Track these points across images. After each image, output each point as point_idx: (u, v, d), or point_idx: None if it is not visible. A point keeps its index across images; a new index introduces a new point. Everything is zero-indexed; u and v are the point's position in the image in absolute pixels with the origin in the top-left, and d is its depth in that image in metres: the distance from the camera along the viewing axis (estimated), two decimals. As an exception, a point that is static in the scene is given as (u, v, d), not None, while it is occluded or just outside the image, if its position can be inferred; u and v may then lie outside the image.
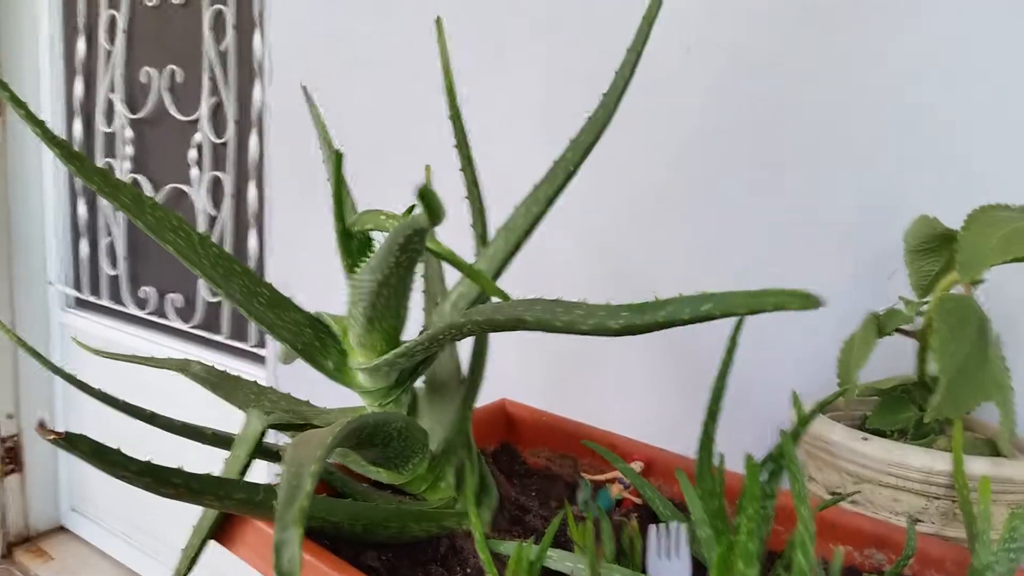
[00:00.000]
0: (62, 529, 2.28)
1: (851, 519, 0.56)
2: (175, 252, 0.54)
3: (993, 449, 0.58)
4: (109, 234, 1.93)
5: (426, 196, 0.24)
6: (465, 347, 0.65)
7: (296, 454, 0.36)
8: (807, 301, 0.23)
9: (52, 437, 0.40)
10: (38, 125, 0.52)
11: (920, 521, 0.56)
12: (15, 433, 2.15)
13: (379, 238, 0.48)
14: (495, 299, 0.53)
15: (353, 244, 0.46)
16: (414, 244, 0.33)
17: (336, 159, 0.40)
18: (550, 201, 0.52)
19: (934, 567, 0.53)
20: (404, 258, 0.36)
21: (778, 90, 0.81)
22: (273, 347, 1.42)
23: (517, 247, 0.53)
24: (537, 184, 0.53)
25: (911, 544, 0.48)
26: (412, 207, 0.42)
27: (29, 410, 2.15)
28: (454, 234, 0.52)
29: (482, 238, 0.58)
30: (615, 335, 0.30)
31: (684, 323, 0.28)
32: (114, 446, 0.42)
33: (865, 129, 0.76)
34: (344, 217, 0.44)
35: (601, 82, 0.52)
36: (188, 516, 0.55)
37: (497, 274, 0.56)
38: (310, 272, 1.27)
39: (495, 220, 0.57)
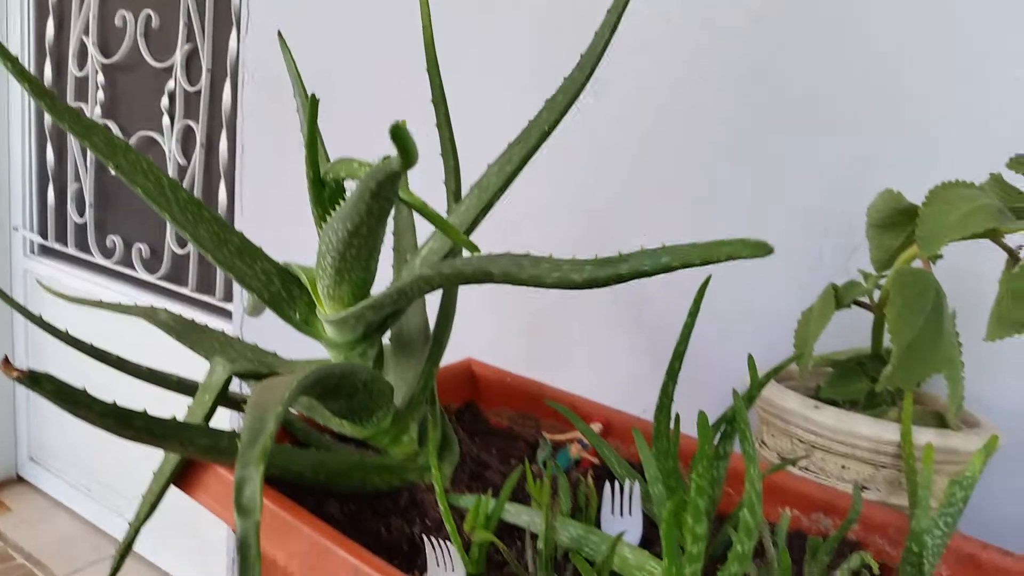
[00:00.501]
0: (19, 479, 2.27)
1: (799, 484, 0.58)
2: (144, 196, 0.54)
3: (940, 422, 0.60)
4: (77, 180, 1.90)
5: (399, 135, 0.25)
6: (432, 306, 0.65)
7: (260, 397, 0.37)
8: (757, 248, 0.23)
9: (16, 375, 0.40)
10: (8, 59, 0.51)
11: (867, 488, 0.58)
12: (-25, 379, 2.13)
13: (352, 189, 0.48)
14: (465, 254, 0.53)
15: (325, 193, 0.46)
16: (386, 191, 0.33)
17: (312, 103, 0.40)
18: (524, 160, 0.52)
19: (878, 532, 0.55)
20: (376, 206, 0.36)
21: (752, 64, 0.82)
22: (239, 302, 1.41)
23: (490, 205, 0.53)
24: (511, 143, 0.53)
25: (856, 508, 0.50)
26: (386, 157, 0.43)
27: (-11, 357, 2.13)
28: (428, 191, 0.53)
29: (455, 195, 0.59)
30: (579, 288, 0.31)
31: (646, 275, 0.29)
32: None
33: (838, 104, 0.77)
34: (317, 164, 0.44)
35: (586, 43, 0.52)
36: (148, 470, 0.55)
37: (469, 231, 0.56)
38: (279, 227, 1.26)
39: (470, 179, 0.58)
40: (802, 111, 0.79)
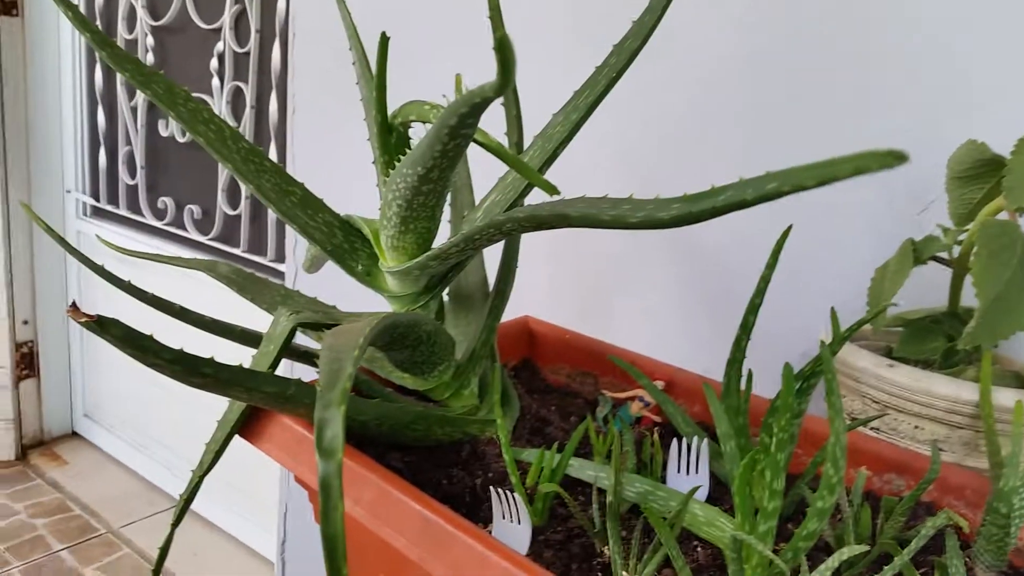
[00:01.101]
0: (75, 435, 2.33)
1: (872, 444, 0.56)
2: (206, 145, 0.54)
3: (1019, 382, 0.58)
4: (129, 143, 1.92)
5: (504, 47, 0.23)
6: (491, 262, 0.64)
7: (335, 341, 0.36)
8: (888, 159, 0.21)
9: (84, 319, 0.39)
10: (70, 8, 0.51)
11: (942, 450, 0.56)
12: (31, 339, 2.18)
13: (416, 140, 0.48)
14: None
15: (391, 139, 0.45)
16: (468, 124, 0.32)
17: (382, 42, 0.39)
18: (591, 108, 0.51)
19: (953, 493, 0.53)
20: (452, 146, 0.35)
21: (821, 9, 0.79)
22: (292, 262, 1.42)
23: (555, 155, 0.52)
24: (577, 90, 0.52)
25: (935, 468, 0.48)
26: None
27: (45, 317, 2.18)
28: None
29: (517, 146, 0.58)
30: (666, 227, 0.29)
31: (746, 205, 0.27)
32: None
33: (907, 56, 0.74)
34: (385, 108, 0.43)
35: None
36: (197, 428, 0.55)
37: (529, 185, 0.55)
38: (331, 189, 1.26)
39: (531, 131, 0.56)
40: (870, 55, 0.76)
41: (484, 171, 0.66)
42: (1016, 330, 0.50)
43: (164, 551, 0.52)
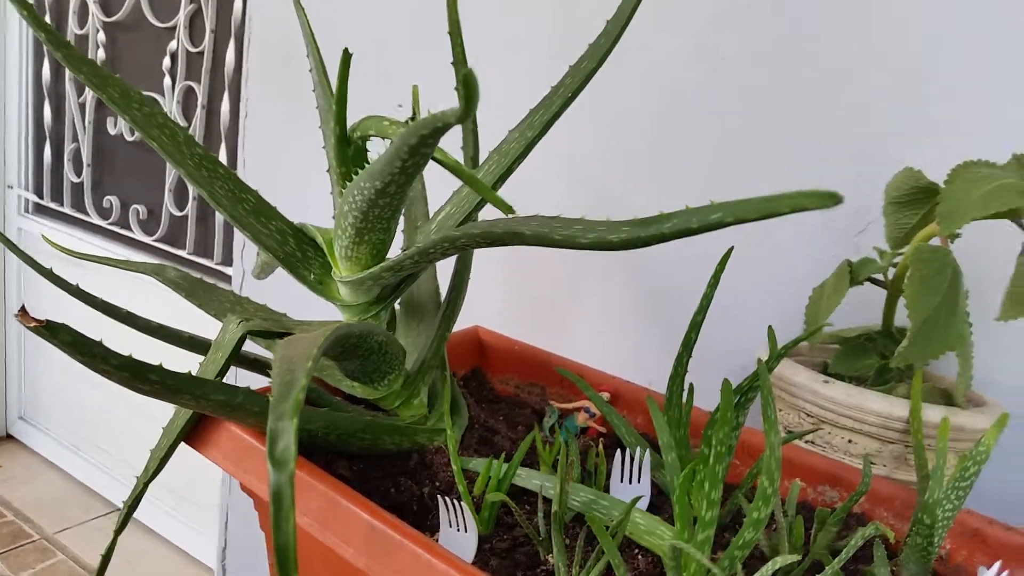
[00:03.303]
0: (9, 438, 2.27)
1: (807, 457, 0.58)
2: (159, 149, 0.54)
3: (947, 399, 0.60)
4: (75, 140, 1.88)
5: (468, 83, 0.24)
6: (444, 273, 0.65)
7: (288, 352, 0.37)
8: (825, 199, 0.23)
9: (33, 324, 0.39)
10: (25, 7, 0.51)
11: (873, 463, 0.59)
12: (-33, 338, 2.12)
13: (372, 152, 0.48)
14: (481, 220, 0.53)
15: (349, 152, 0.46)
16: (428, 144, 0.33)
17: (344, 57, 0.39)
18: (545, 127, 0.52)
19: (884, 505, 0.55)
20: (411, 163, 0.36)
21: (771, 41, 0.81)
22: (239, 265, 1.41)
23: (509, 171, 0.53)
24: (533, 109, 0.53)
25: (866, 480, 0.50)
26: (411, 118, 0.42)
27: (-18, 315, 2.12)
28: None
29: (473, 160, 0.58)
30: (615, 249, 0.31)
31: (691, 233, 0.28)
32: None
33: (857, 84, 0.77)
34: (345, 121, 0.44)
35: (606, 11, 0.52)
36: (137, 431, 0.55)
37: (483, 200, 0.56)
38: (281, 193, 1.25)
39: (487, 146, 0.57)
40: (818, 90, 0.79)
41: (439, 179, 0.67)
42: (945, 350, 0.52)
43: (106, 559, 0.52)
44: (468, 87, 0.23)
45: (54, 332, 0.40)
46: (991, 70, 0.71)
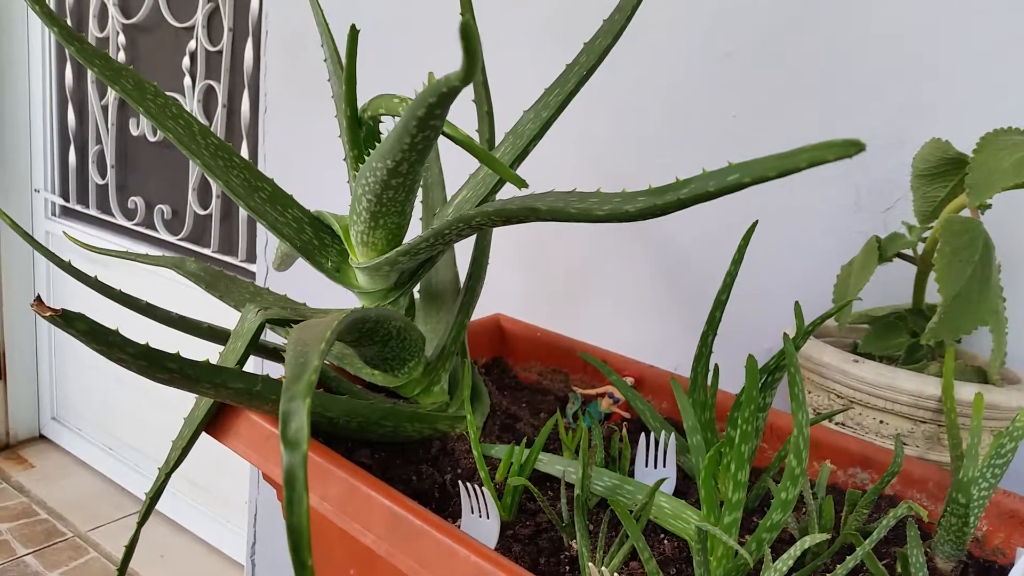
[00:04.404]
0: (42, 438, 2.30)
1: (837, 438, 0.57)
2: (175, 141, 0.53)
3: (981, 377, 0.59)
4: (99, 142, 1.90)
5: (468, 35, 0.23)
6: (463, 259, 0.64)
7: (302, 335, 0.36)
8: (846, 148, 0.22)
9: (49, 314, 0.39)
10: (37, 3, 0.51)
11: (905, 444, 0.57)
12: (-2, 340, 2.15)
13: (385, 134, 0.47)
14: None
15: (361, 134, 0.45)
16: (437, 115, 0.32)
17: (352, 35, 0.39)
18: (561, 106, 0.51)
19: (916, 486, 0.54)
20: (421, 138, 0.35)
21: (789, 14, 0.80)
22: (263, 262, 1.41)
23: (525, 152, 0.52)
24: (548, 88, 0.52)
25: (898, 461, 0.49)
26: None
27: (12, 319, 2.15)
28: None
29: (489, 143, 0.58)
30: (632, 219, 0.30)
31: (710, 197, 0.27)
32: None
33: (875, 56, 0.75)
34: (355, 102, 0.43)
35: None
36: (168, 429, 0.54)
37: (501, 181, 0.55)
38: (302, 188, 1.25)
39: (503, 128, 0.57)
40: (839, 57, 0.77)
41: (456, 169, 0.66)
42: (977, 325, 0.51)
43: (130, 550, 0.52)
44: (468, 39, 0.22)
45: (69, 321, 0.39)
46: (1017, 33, 0.69)
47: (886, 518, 0.42)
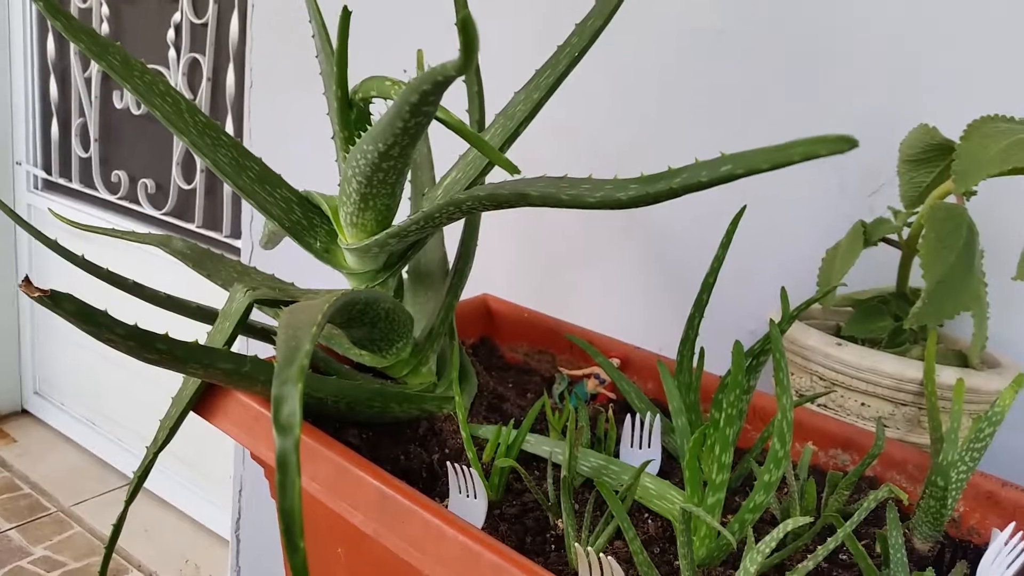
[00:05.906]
0: (25, 412, 2.29)
1: (819, 420, 0.58)
2: (162, 118, 0.53)
3: (962, 361, 0.59)
4: (82, 115, 1.87)
5: (467, 28, 0.23)
6: (451, 240, 0.64)
7: (293, 318, 0.36)
8: (838, 144, 0.22)
9: (37, 294, 0.39)
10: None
11: (886, 426, 0.58)
12: (-21, 315, 2.13)
13: (376, 115, 0.47)
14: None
15: (352, 115, 0.45)
16: (430, 102, 0.32)
17: (344, 16, 0.38)
18: (552, 87, 0.51)
19: (896, 468, 0.55)
20: (413, 123, 0.35)
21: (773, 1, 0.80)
22: (248, 238, 1.40)
23: (516, 134, 0.52)
24: (539, 69, 0.52)
25: (879, 443, 0.50)
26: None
27: (-6, 292, 2.13)
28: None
29: (479, 124, 0.58)
30: (624, 207, 0.30)
31: (702, 187, 0.28)
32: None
33: (860, 41, 0.75)
34: (346, 83, 0.43)
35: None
36: (150, 404, 0.55)
37: (491, 163, 0.55)
38: (288, 164, 1.24)
39: (493, 109, 0.56)
40: (828, 41, 0.77)
41: (444, 148, 0.66)
42: (959, 311, 0.52)
43: (117, 528, 0.52)
44: (467, 32, 0.23)
45: (58, 302, 0.39)
46: (1006, 19, 0.69)
47: (867, 500, 0.42)
